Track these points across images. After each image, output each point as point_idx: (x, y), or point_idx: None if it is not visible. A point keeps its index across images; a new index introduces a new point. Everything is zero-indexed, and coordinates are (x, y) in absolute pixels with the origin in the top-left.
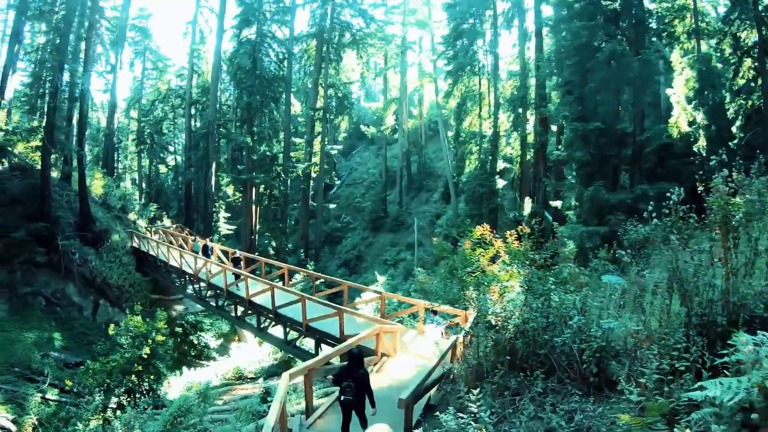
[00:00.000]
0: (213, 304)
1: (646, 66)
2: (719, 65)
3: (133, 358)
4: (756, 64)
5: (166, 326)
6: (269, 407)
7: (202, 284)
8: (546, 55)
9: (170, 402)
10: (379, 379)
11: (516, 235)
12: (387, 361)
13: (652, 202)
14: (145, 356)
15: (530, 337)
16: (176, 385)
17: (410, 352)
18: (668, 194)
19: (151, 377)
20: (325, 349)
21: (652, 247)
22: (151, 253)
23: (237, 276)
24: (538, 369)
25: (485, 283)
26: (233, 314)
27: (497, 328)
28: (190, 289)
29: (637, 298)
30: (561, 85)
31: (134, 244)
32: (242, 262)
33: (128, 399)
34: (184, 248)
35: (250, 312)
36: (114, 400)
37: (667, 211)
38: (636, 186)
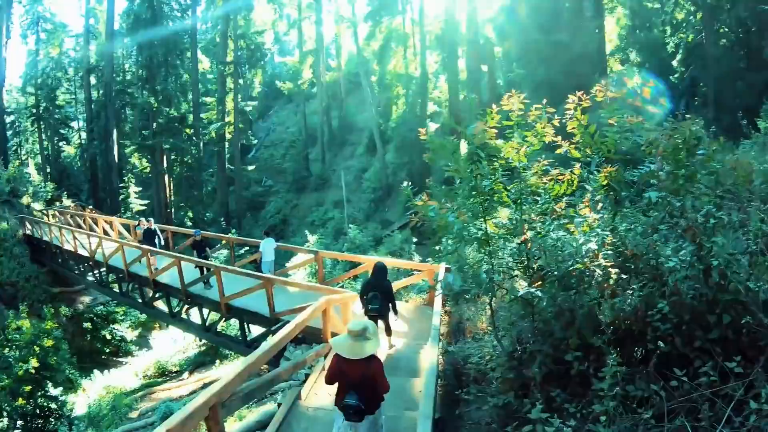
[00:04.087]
0: (117, 290)
1: None
2: (649, 5)
3: (22, 376)
4: None
5: (57, 326)
6: None
7: (102, 268)
8: None
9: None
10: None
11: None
12: None
13: None
14: (33, 370)
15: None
16: (92, 392)
17: None
18: None
19: (46, 393)
20: (254, 331)
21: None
22: (45, 238)
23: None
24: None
25: (538, 200)
26: (140, 300)
27: (584, 286)
28: (90, 276)
29: None
30: None
31: (27, 231)
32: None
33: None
34: (82, 228)
35: (158, 295)
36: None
37: None
38: None
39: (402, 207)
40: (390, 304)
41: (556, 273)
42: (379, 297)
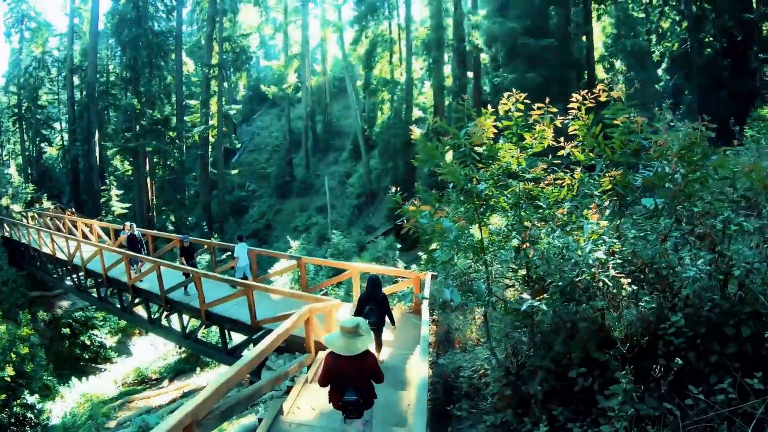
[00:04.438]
0: (95, 295)
1: None
2: (634, 14)
3: None
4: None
5: (34, 331)
6: None
7: (80, 273)
8: None
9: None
10: (318, 398)
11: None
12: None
13: None
14: (8, 378)
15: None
16: (70, 400)
17: None
18: None
19: (22, 402)
20: (235, 339)
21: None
22: (23, 241)
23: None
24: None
25: (540, 204)
26: (119, 306)
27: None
28: (68, 281)
29: None
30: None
31: (6, 234)
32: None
33: None
34: (61, 231)
35: (137, 301)
36: None
37: None
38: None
39: (386, 213)
40: (386, 316)
41: (560, 283)
42: (375, 310)
